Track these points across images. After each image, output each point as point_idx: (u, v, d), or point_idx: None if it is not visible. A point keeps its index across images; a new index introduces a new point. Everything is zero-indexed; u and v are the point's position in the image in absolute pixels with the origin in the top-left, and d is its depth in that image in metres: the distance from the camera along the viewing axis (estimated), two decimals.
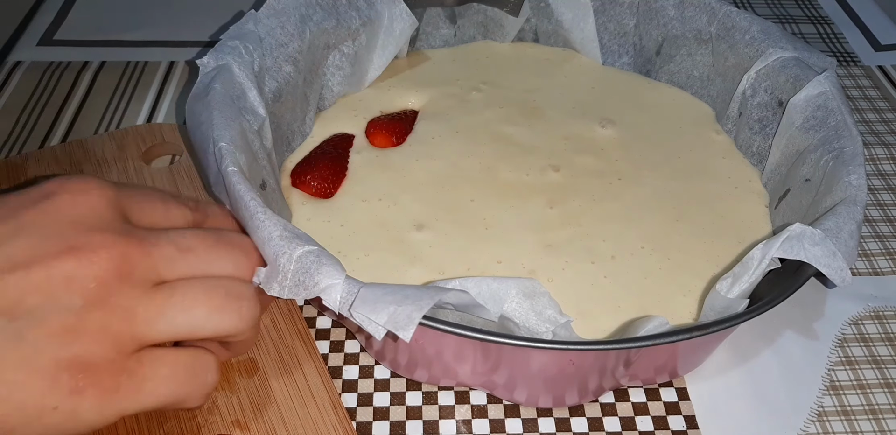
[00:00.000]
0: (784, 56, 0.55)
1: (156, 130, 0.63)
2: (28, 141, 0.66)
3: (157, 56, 0.76)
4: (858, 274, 0.56)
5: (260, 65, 0.52)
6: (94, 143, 0.62)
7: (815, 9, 0.87)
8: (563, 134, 0.60)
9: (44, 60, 0.75)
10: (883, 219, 0.61)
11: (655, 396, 0.48)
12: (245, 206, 0.40)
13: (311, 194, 0.55)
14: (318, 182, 0.55)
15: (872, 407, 0.48)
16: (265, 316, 0.50)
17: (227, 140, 0.44)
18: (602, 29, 0.67)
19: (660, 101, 0.65)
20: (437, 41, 0.70)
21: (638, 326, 0.41)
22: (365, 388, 0.48)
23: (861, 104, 0.72)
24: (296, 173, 0.56)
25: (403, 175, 0.57)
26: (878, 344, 0.51)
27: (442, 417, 0.47)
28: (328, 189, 0.55)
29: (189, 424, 0.44)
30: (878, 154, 0.66)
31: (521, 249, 0.51)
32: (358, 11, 0.60)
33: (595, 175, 0.57)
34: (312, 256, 0.37)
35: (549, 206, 0.54)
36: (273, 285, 0.38)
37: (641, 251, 0.52)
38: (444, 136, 0.60)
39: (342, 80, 0.62)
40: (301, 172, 0.55)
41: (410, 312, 0.34)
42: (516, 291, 0.38)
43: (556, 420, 0.46)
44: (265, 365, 0.47)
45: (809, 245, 0.40)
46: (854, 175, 0.45)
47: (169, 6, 0.83)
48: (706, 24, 0.60)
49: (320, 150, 0.58)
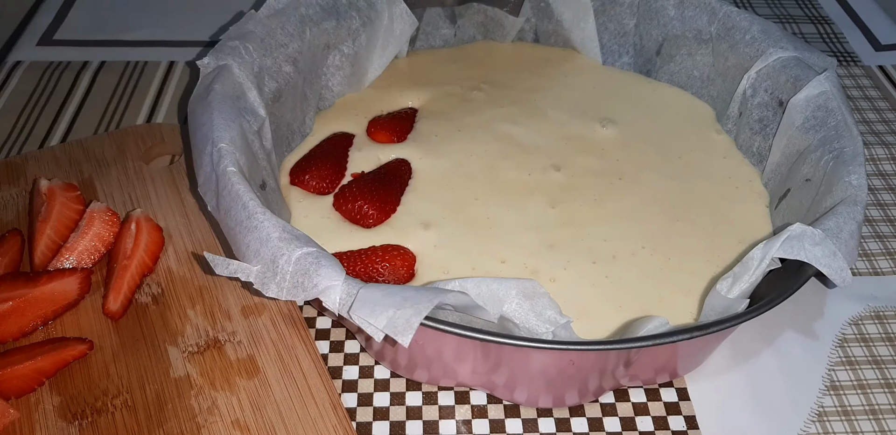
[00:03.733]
0: (784, 56, 0.55)
1: (155, 130, 0.63)
2: (28, 141, 0.66)
3: (157, 56, 0.76)
4: (858, 274, 0.56)
5: (260, 65, 0.52)
6: (94, 142, 0.62)
7: (816, 9, 0.87)
8: (564, 134, 0.60)
9: (44, 60, 0.75)
10: (883, 219, 0.61)
11: (655, 397, 0.48)
12: (244, 206, 0.40)
13: (310, 192, 0.55)
14: (318, 181, 0.55)
15: (872, 407, 0.48)
16: (265, 316, 0.50)
17: (226, 141, 0.44)
18: (602, 29, 0.67)
19: (660, 102, 0.64)
20: (437, 41, 0.70)
21: (638, 326, 0.41)
22: (365, 388, 0.48)
23: (861, 104, 0.72)
24: (295, 172, 0.56)
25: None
26: (878, 344, 0.51)
27: (442, 417, 0.46)
28: (327, 188, 0.55)
29: (189, 425, 0.44)
30: (878, 154, 0.66)
31: (524, 249, 0.51)
32: (358, 11, 0.60)
33: (596, 175, 0.57)
34: (311, 257, 0.37)
35: (551, 206, 0.54)
36: (271, 287, 0.38)
37: (642, 251, 0.52)
38: (445, 135, 0.60)
39: (342, 80, 0.62)
40: (300, 171, 0.55)
41: (409, 316, 0.34)
42: (516, 291, 0.38)
43: (557, 420, 0.46)
44: (265, 365, 0.47)
45: (810, 245, 0.40)
46: (854, 175, 0.45)
47: (169, 6, 0.83)
48: (706, 24, 0.60)
49: (320, 149, 0.58)
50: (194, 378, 0.46)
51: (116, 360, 0.47)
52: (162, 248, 0.53)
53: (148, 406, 0.45)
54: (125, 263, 0.50)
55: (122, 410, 0.45)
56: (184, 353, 0.47)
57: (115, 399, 0.45)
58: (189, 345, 0.48)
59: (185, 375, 0.46)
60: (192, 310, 0.50)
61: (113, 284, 0.49)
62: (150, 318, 0.49)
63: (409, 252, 0.50)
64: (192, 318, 0.49)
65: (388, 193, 0.53)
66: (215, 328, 0.49)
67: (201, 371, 0.47)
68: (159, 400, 0.45)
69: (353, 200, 0.52)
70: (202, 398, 0.45)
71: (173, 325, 0.49)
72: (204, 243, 0.54)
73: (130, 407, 0.45)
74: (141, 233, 0.52)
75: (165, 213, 0.56)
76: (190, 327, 0.49)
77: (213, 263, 0.39)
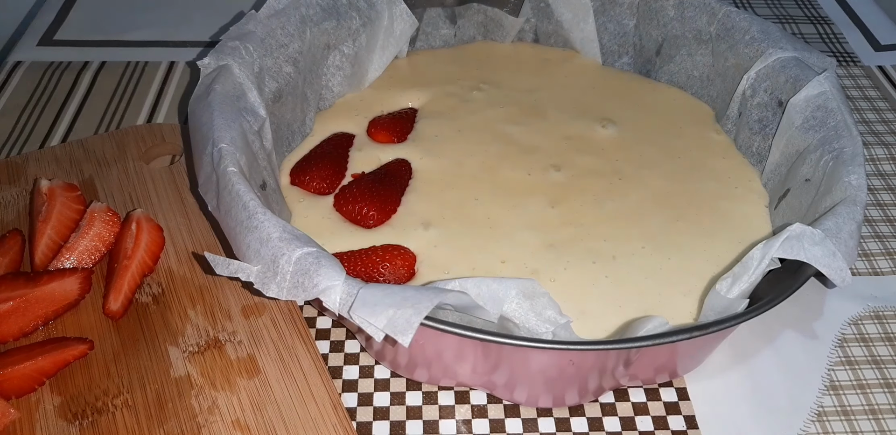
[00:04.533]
0: (784, 56, 0.55)
1: (156, 130, 0.63)
2: (28, 141, 0.66)
3: (158, 56, 0.76)
4: (858, 274, 0.56)
5: (260, 65, 0.52)
6: (95, 142, 0.62)
7: (815, 9, 0.87)
8: (564, 134, 0.61)
9: (44, 60, 0.75)
10: (883, 219, 0.61)
11: (655, 396, 0.48)
12: (244, 207, 0.40)
13: (311, 192, 0.55)
14: (318, 182, 0.55)
15: (872, 407, 0.48)
16: (266, 316, 0.50)
17: (227, 141, 0.44)
18: (602, 29, 0.67)
19: (660, 102, 0.65)
20: (437, 41, 0.70)
21: (638, 326, 0.41)
22: (365, 388, 0.48)
23: (861, 104, 0.72)
24: (295, 173, 0.56)
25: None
26: (878, 344, 0.51)
27: (442, 417, 0.47)
28: (327, 189, 0.55)
29: (189, 424, 0.44)
30: (878, 154, 0.66)
31: (525, 249, 0.51)
32: (358, 12, 0.60)
33: (596, 175, 0.57)
34: (311, 257, 0.37)
35: (551, 206, 0.54)
36: (272, 287, 0.38)
37: (642, 251, 0.52)
38: (446, 135, 0.60)
39: (342, 80, 0.62)
40: (300, 172, 0.55)
41: (409, 316, 0.34)
42: (516, 291, 0.38)
43: (556, 420, 0.46)
44: (265, 365, 0.47)
45: (809, 245, 0.40)
46: (854, 175, 0.45)
47: (169, 6, 0.83)
48: (706, 24, 0.60)
49: (320, 149, 0.58)
50: (195, 378, 0.46)
51: (117, 360, 0.47)
52: (162, 247, 0.53)
53: (148, 406, 0.45)
54: (126, 263, 0.50)
55: (123, 410, 0.45)
56: (184, 352, 0.48)
57: (116, 399, 0.45)
58: (189, 345, 0.48)
59: (186, 374, 0.46)
60: (193, 310, 0.50)
61: (113, 284, 0.50)
62: (150, 317, 0.49)
63: (409, 252, 0.50)
64: (193, 317, 0.49)
65: (389, 195, 0.53)
66: (216, 328, 0.49)
67: (202, 371, 0.47)
68: (160, 400, 0.45)
69: (354, 202, 0.52)
70: (202, 398, 0.45)
71: (174, 324, 0.49)
72: (204, 243, 0.54)
73: (131, 407, 0.45)
74: (141, 232, 0.52)
75: (166, 213, 0.56)
76: (190, 327, 0.49)
77: (214, 263, 0.39)
